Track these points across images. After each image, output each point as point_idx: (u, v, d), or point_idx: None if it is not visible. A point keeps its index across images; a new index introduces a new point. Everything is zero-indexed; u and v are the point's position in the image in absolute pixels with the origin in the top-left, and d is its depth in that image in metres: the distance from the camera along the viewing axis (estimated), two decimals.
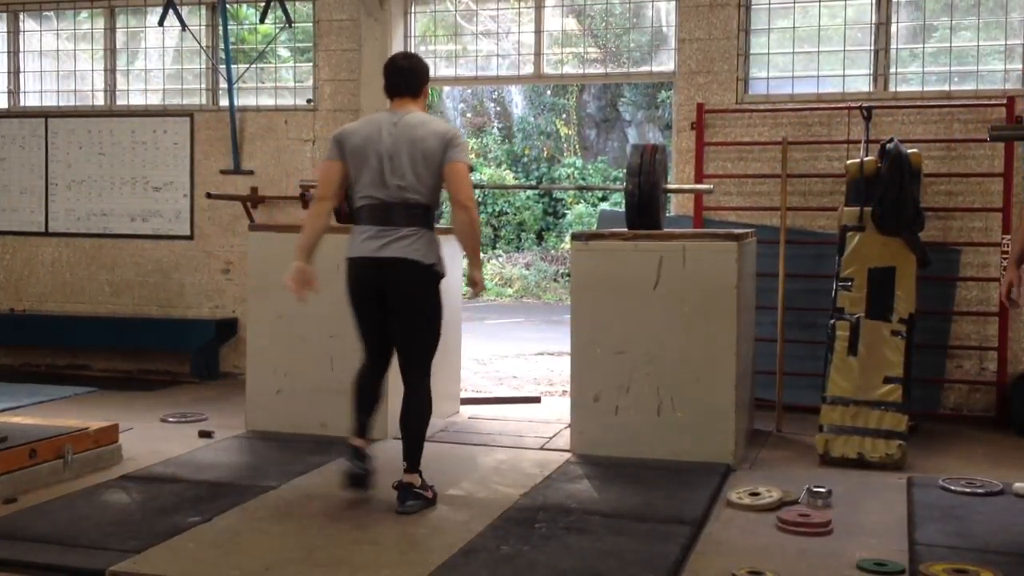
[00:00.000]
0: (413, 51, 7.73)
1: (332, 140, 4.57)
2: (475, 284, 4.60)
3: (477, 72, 7.72)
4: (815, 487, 4.57)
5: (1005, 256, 5.87)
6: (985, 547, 3.93)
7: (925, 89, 6.67)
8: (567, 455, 5.40)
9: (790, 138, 6.60)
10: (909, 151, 5.69)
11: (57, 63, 8.60)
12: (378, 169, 4.38)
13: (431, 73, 7.70)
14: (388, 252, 4.36)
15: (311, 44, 7.90)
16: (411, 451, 4.46)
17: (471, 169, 4.62)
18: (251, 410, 6.00)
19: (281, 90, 8.05)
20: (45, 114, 8.51)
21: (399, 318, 4.45)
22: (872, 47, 6.78)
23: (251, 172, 7.95)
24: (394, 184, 4.37)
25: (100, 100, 8.48)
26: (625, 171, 5.58)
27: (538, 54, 7.48)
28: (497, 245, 19.57)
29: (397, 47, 7.62)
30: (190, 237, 8.15)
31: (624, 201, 5.63)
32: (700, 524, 4.21)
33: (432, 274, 4.43)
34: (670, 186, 6.15)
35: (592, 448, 5.37)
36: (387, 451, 5.52)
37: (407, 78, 4.55)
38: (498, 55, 7.75)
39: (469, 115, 21.16)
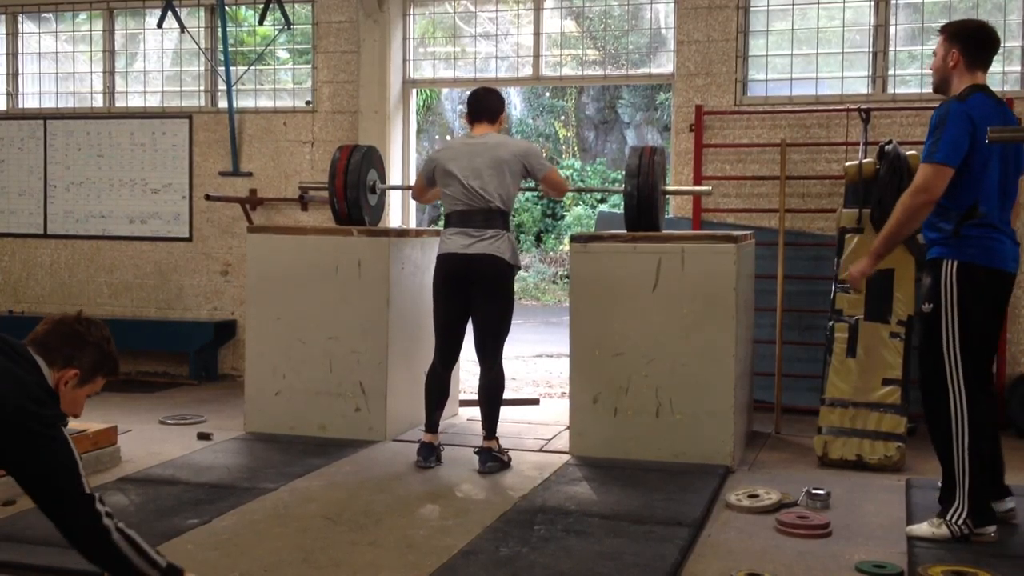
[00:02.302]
0: (413, 52, 7.75)
1: (426, 161, 5.51)
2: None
3: (476, 74, 7.72)
4: (814, 489, 4.57)
5: None
6: (983, 549, 3.93)
7: (924, 91, 6.67)
8: (566, 457, 5.40)
9: (789, 140, 6.61)
10: (908, 153, 5.69)
11: (56, 65, 8.60)
12: (464, 181, 5.19)
13: (430, 75, 7.79)
14: (476, 249, 5.16)
15: (310, 46, 7.90)
16: (488, 421, 5.28)
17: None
18: (250, 412, 6.00)
19: (280, 92, 8.05)
20: (44, 116, 8.51)
21: (481, 306, 5.24)
22: (871, 49, 6.79)
23: (250, 174, 7.95)
24: (478, 193, 5.18)
25: (99, 102, 8.49)
26: (624, 173, 5.57)
27: (537, 56, 7.49)
28: None
29: (396, 49, 7.64)
30: (189, 239, 8.15)
31: (623, 203, 5.62)
32: (699, 526, 4.21)
33: (511, 267, 5.24)
34: (669, 188, 6.12)
35: (591, 450, 5.38)
36: (384, 453, 5.54)
37: (487, 105, 5.38)
38: (497, 57, 7.76)
39: None
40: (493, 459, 5.20)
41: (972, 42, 4.12)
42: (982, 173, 3.97)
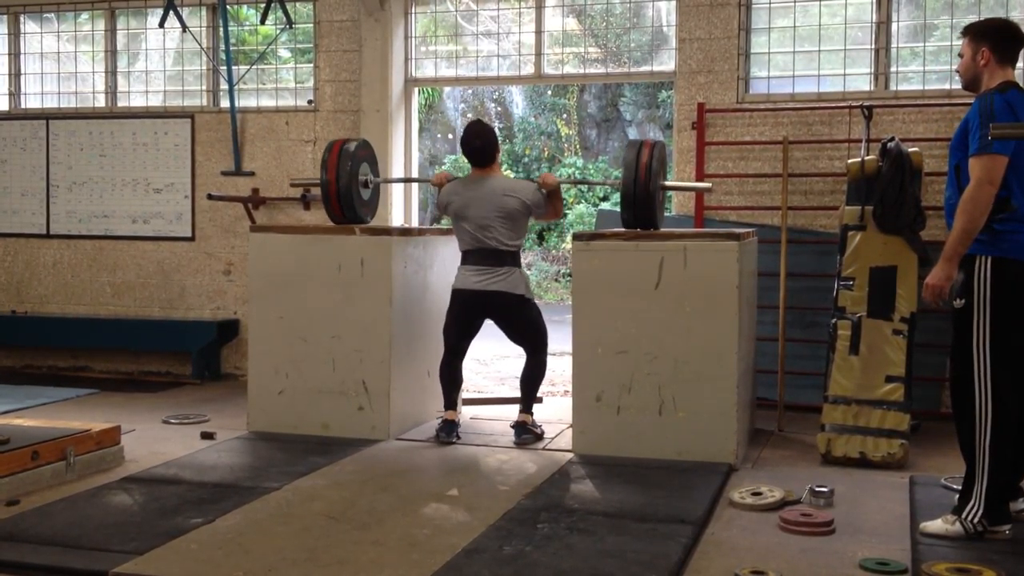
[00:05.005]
0: (414, 50, 7.75)
1: (439, 200, 5.94)
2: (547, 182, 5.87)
3: (478, 72, 7.72)
4: (817, 486, 4.57)
5: None
6: (988, 546, 3.93)
7: (926, 88, 6.67)
8: (569, 455, 5.40)
9: (791, 137, 6.60)
10: (910, 150, 5.68)
11: (58, 65, 8.60)
12: (476, 227, 5.66)
13: (432, 74, 7.78)
14: (490, 286, 5.66)
15: (312, 45, 7.90)
16: (526, 398, 5.86)
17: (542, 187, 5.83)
18: (253, 411, 6.00)
19: (282, 91, 8.05)
20: (46, 116, 8.52)
21: (509, 327, 5.84)
22: (873, 46, 6.78)
23: (252, 173, 7.95)
24: (490, 237, 5.65)
25: (101, 102, 8.49)
26: (621, 167, 5.52)
27: (539, 54, 7.48)
28: None
29: (398, 48, 7.63)
30: (191, 238, 8.15)
31: (620, 198, 5.53)
32: (702, 524, 4.21)
33: (523, 300, 5.74)
34: (667, 183, 5.89)
35: (594, 448, 5.38)
36: (388, 451, 5.54)
37: (483, 155, 5.78)
38: (499, 55, 7.75)
39: (470, 115, 21.14)
40: (527, 431, 5.72)
41: (1001, 39, 4.13)
42: (1016, 167, 3.96)
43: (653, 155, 5.45)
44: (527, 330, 5.83)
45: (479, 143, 5.79)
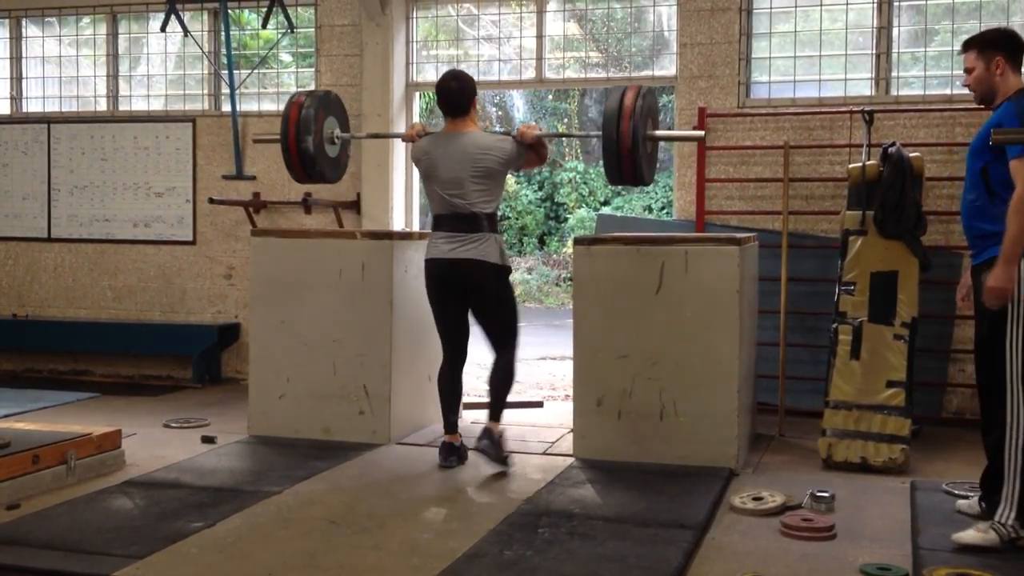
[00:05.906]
0: (415, 55, 7.76)
1: (413, 160, 5.43)
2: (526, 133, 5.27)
3: (479, 77, 7.68)
4: (818, 491, 4.57)
5: None
6: (989, 551, 3.92)
7: (927, 93, 6.67)
8: (570, 459, 5.40)
9: (792, 142, 6.61)
10: (911, 155, 5.69)
11: (59, 69, 8.61)
12: (446, 188, 5.15)
13: (433, 78, 7.78)
14: (462, 254, 5.12)
15: (313, 49, 7.91)
16: (495, 405, 5.31)
17: (519, 141, 5.28)
18: (253, 415, 6.00)
19: (283, 95, 8.04)
20: (47, 120, 8.52)
21: (480, 306, 5.26)
22: (874, 51, 6.78)
23: (253, 177, 7.95)
24: (461, 200, 5.13)
25: (102, 106, 8.50)
26: (602, 116, 4.94)
27: (540, 59, 7.49)
28: None
29: (399, 52, 7.64)
30: (192, 242, 8.15)
31: (602, 151, 4.94)
32: (703, 529, 4.21)
33: (499, 269, 5.18)
34: (657, 132, 5.19)
35: (595, 452, 5.37)
36: (388, 456, 5.54)
37: (459, 99, 5.24)
38: (500, 60, 7.76)
39: None
40: (490, 439, 5.16)
41: (1012, 47, 4.16)
42: None
43: (639, 100, 4.89)
44: (498, 309, 5.26)
45: (455, 85, 5.25)
